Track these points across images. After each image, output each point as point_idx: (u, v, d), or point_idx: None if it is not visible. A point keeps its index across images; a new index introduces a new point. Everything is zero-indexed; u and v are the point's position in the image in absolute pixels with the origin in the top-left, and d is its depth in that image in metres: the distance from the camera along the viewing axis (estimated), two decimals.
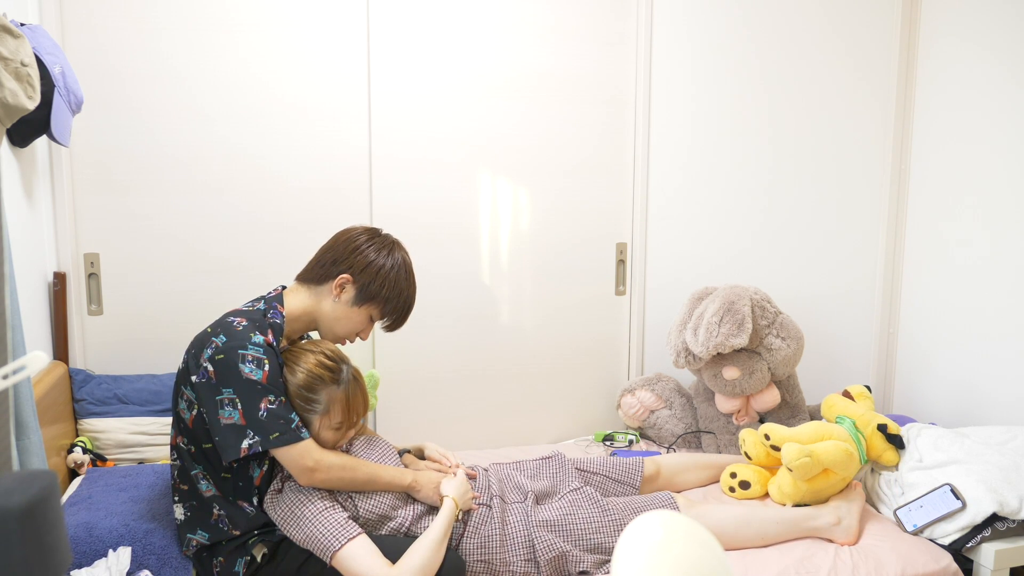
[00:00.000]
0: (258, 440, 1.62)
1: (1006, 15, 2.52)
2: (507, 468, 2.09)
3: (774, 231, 2.92)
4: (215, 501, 1.70)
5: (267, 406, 1.63)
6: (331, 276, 1.79)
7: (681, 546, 0.98)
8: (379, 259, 1.80)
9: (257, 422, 1.62)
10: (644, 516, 1.04)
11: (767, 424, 2.19)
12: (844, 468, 2.07)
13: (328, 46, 2.41)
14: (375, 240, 1.83)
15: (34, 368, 0.85)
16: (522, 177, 2.65)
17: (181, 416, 1.71)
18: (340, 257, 1.79)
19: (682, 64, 2.74)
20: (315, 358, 1.73)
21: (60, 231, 2.26)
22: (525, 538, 1.82)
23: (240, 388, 1.62)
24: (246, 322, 1.69)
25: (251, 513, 1.71)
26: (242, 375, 1.62)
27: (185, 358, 1.71)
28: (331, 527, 1.63)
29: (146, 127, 2.30)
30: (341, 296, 1.78)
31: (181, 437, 1.72)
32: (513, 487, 1.98)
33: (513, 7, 2.56)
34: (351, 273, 1.78)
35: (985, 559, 1.93)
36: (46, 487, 0.79)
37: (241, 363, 1.62)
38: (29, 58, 1.64)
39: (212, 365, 1.63)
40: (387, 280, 1.80)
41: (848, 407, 2.25)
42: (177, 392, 1.73)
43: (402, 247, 1.88)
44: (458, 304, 2.63)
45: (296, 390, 1.71)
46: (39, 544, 0.77)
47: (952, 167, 2.75)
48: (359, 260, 1.78)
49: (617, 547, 1.02)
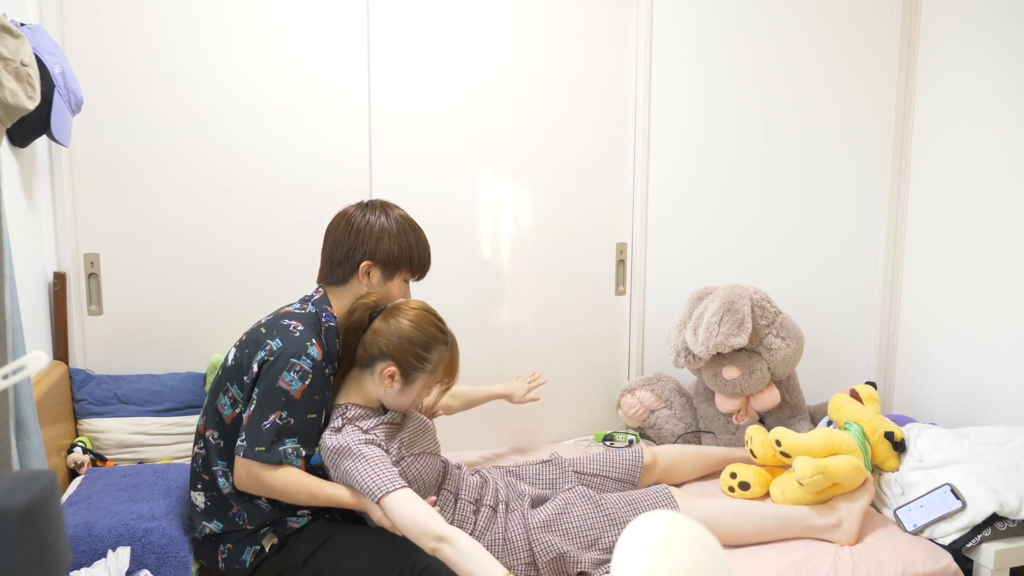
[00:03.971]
0: (243, 446, 1.65)
1: (1004, 10, 2.52)
2: (509, 476, 2.10)
3: (774, 231, 2.92)
4: (232, 498, 1.73)
5: (276, 420, 1.65)
6: (353, 268, 1.81)
7: (681, 545, 0.99)
8: (383, 226, 1.82)
9: (255, 429, 1.64)
10: (644, 516, 1.04)
11: (778, 429, 2.19)
12: (852, 484, 2.09)
13: (328, 45, 2.41)
14: (367, 211, 1.85)
15: (34, 368, 0.86)
16: (522, 177, 2.65)
17: (219, 410, 1.73)
18: (350, 247, 1.81)
19: (682, 64, 2.74)
20: (429, 318, 1.82)
21: (60, 231, 2.26)
22: (524, 541, 1.83)
23: (266, 391, 1.64)
24: (303, 327, 1.71)
25: (266, 508, 1.73)
26: (278, 381, 1.64)
27: (236, 355, 1.72)
28: (388, 472, 1.64)
29: (146, 127, 2.30)
30: (371, 280, 1.82)
31: (212, 431, 1.74)
32: (517, 494, 1.99)
33: (513, 7, 2.56)
34: (369, 257, 1.80)
35: (985, 559, 1.93)
36: (46, 487, 0.80)
37: (286, 370, 1.65)
38: (29, 58, 1.64)
39: (258, 366, 1.66)
40: (401, 241, 1.82)
41: (856, 411, 2.25)
42: (220, 386, 1.73)
43: (390, 203, 1.90)
44: (458, 303, 2.62)
45: (410, 347, 1.77)
46: (39, 544, 0.77)
47: (952, 166, 2.75)
48: (368, 240, 1.80)
49: (617, 546, 1.02)
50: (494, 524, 1.87)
